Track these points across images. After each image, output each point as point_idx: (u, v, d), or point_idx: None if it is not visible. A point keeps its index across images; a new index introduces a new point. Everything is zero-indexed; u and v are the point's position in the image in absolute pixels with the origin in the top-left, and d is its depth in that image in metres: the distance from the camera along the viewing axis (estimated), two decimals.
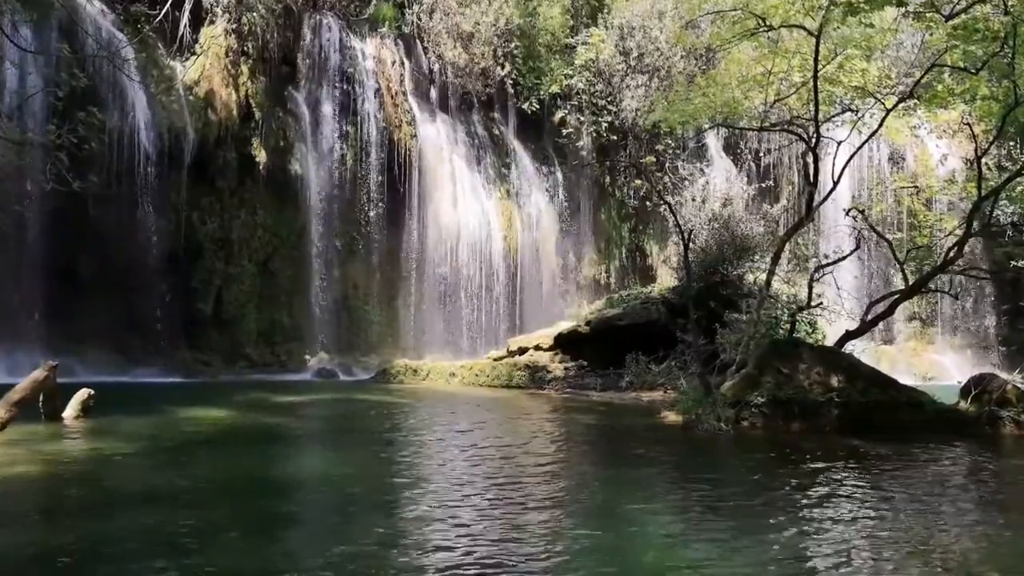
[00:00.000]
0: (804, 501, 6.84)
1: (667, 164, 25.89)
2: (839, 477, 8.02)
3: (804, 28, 13.42)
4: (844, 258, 15.42)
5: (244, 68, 21.11)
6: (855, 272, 23.91)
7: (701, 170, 24.06)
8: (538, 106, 26.34)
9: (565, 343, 18.59)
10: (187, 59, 20.22)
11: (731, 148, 28.36)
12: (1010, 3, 11.36)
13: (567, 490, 7.26)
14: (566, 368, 17.88)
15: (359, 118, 22.78)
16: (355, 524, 5.81)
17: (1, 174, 16.07)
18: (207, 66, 20.35)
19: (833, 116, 16.28)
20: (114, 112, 18.13)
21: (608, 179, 27.44)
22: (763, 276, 15.48)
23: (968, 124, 15.23)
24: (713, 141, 28.09)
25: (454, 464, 8.32)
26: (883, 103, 14.83)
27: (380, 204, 22.87)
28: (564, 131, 26.66)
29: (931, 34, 14.15)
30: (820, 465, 8.59)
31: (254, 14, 21.19)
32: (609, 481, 7.80)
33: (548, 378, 17.53)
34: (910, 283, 14.45)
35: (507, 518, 6.02)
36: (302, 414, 12.79)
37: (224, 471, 7.63)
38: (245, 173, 20.91)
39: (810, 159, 14.93)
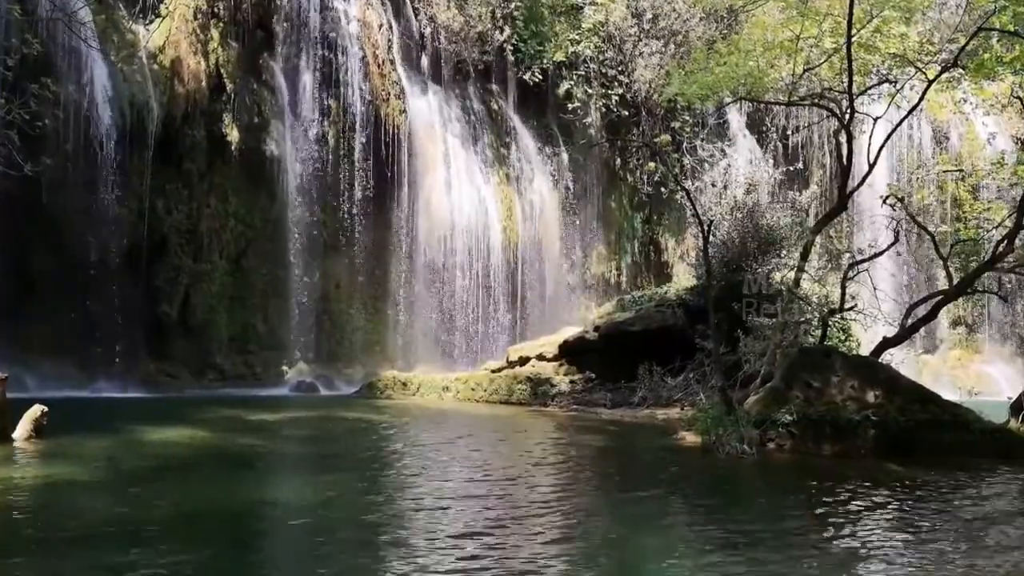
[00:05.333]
0: (837, 542, 6.76)
1: (684, 144, 25.74)
2: (879, 513, 7.96)
3: None
4: (881, 253, 15.32)
5: (214, 33, 20.87)
6: (893, 270, 23.70)
7: (722, 151, 23.96)
8: (541, 76, 26.06)
9: (571, 352, 18.49)
10: (151, 22, 19.89)
11: (755, 126, 28.22)
12: None
13: (575, 525, 7.24)
14: (572, 381, 17.79)
15: (342, 91, 22.44)
16: (334, 571, 5.76)
17: None
18: (173, 30, 20.09)
19: (869, 88, 16.16)
20: (70, 84, 17.91)
21: (619, 161, 27.28)
22: (791, 274, 15.41)
23: (1018, 98, 15.12)
24: (735, 117, 27.94)
25: (447, 496, 8.25)
26: (924, 73, 14.69)
27: (365, 190, 22.58)
28: (570, 106, 26.38)
29: None
30: (857, 497, 8.51)
31: None
32: (620, 515, 7.78)
33: (552, 393, 17.40)
34: (954, 282, 14.36)
35: (508, 560, 5.96)
36: (278, 436, 12.74)
37: (192, 502, 7.59)
38: (215, 154, 20.70)
39: (843, 138, 14.83)
